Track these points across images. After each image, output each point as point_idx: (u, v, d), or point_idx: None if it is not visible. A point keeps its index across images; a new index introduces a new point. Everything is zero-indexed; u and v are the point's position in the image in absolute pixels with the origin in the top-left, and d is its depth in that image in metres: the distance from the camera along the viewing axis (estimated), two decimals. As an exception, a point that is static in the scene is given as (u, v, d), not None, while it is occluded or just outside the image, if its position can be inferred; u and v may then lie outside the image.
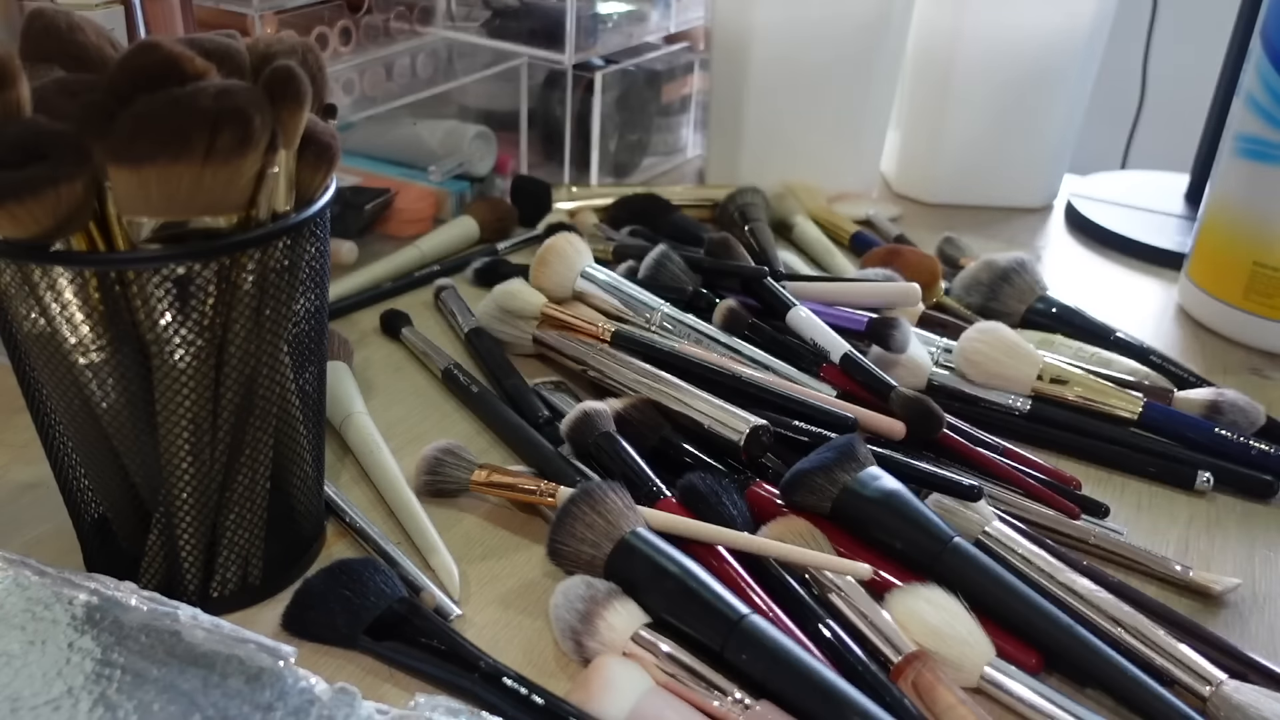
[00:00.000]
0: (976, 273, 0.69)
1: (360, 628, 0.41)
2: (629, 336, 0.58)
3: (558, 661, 0.42)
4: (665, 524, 0.44)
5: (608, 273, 0.63)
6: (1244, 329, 0.69)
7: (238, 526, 0.42)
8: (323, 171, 0.40)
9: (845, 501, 0.45)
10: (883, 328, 0.59)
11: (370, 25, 0.78)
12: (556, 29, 0.81)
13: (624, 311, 0.61)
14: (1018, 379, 0.58)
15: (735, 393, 0.53)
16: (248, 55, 0.38)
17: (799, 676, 0.38)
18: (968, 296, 0.69)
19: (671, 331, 0.59)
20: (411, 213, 0.78)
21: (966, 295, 0.69)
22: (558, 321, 0.61)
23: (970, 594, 0.43)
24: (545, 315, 0.62)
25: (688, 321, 0.60)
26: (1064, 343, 0.64)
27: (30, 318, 0.37)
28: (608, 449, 0.50)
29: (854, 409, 0.52)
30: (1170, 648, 0.41)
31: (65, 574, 0.37)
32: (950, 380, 0.59)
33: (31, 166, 0.33)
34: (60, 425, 0.42)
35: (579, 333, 0.60)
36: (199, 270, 0.37)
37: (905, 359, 0.59)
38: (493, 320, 0.63)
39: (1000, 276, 0.68)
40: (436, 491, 0.50)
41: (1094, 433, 0.56)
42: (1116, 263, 0.83)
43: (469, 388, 0.58)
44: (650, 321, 0.60)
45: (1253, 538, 0.51)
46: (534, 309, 0.62)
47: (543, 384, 0.59)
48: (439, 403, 0.59)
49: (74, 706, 0.33)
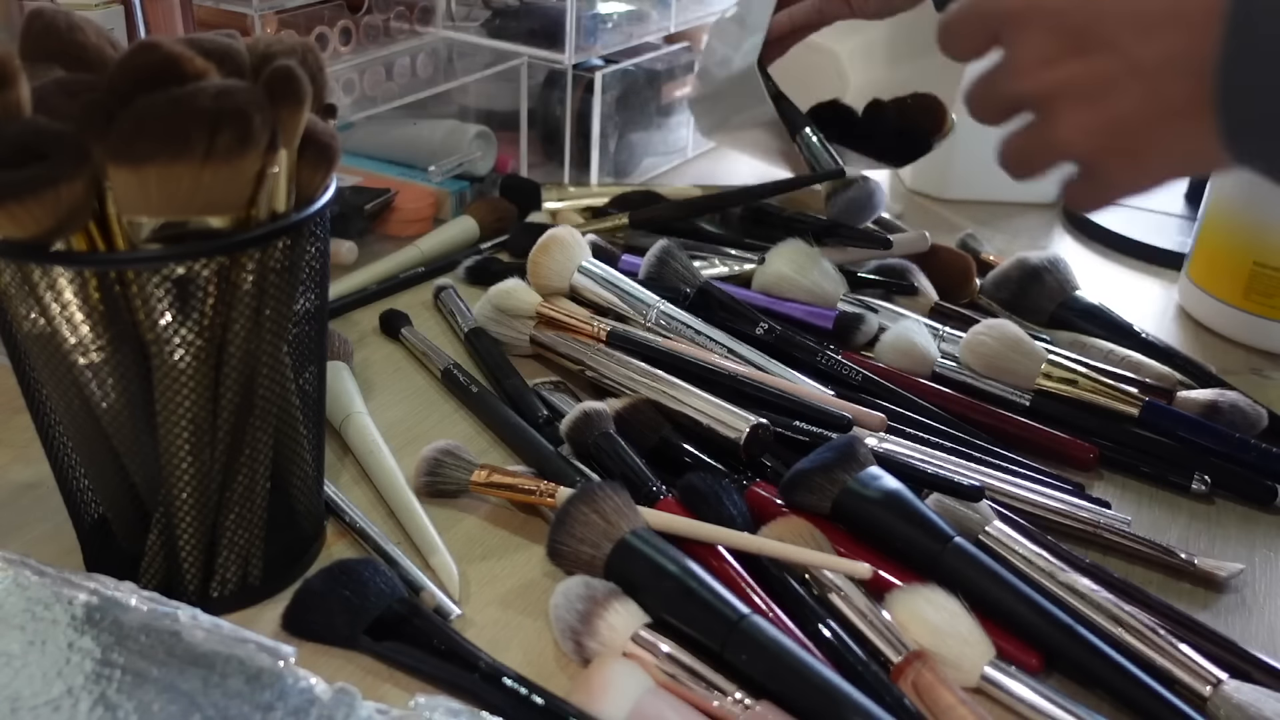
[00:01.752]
0: (1008, 270, 0.69)
1: (360, 628, 0.41)
2: (625, 336, 0.58)
3: (558, 661, 0.42)
4: (665, 524, 0.44)
5: (605, 268, 0.63)
6: (1244, 329, 0.69)
7: (237, 526, 0.42)
8: (322, 171, 0.40)
9: (846, 501, 0.46)
10: (849, 323, 0.61)
11: (370, 25, 0.78)
12: (556, 29, 0.81)
13: (620, 307, 0.61)
14: (1022, 374, 0.58)
15: (731, 391, 0.53)
16: (248, 55, 0.38)
17: (798, 677, 0.38)
18: (997, 293, 0.69)
19: (667, 329, 0.59)
20: (411, 212, 0.78)
21: (996, 291, 0.69)
22: (554, 321, 0.61)
23: (971, 594, 0.43)
24: (541, 314, 0.62)
25: (684, 319, 0.60)
26: (1095, 344, 0.64)
27: (30, 318, 0.37)
28: (607, 449, 0.50)
29: (848, 406, 0.53)
30: (1171, 647, 0.41)
31: (65, 574, 0.37)
32: (955, 371, 0.60)
33: (31, 166, 0.33)
34: (60, 425, 0.42)
35: (575, 332, 0.60)
36: (199, 270, 0.37)
37: (911, 349, 0.59)
38: (490, 321, 0.63)
39: (1031, 274, 0.67)
40: (436, 492, 0.50)
41: (1093, 429, 0.56)
42: (1117, 262, 0.83)
43: (468, 388, 0.58)
44: (646, 319, 0.60)
45: (1253, 538, 0.51)
46: (529, 308, 0.62)
47: (542, 384, 0.59)
48: (439, 403, 0.59)
49: (74, 707, 0.33)
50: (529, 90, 0.84)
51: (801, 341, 0.60)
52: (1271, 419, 0.58)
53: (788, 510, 0.47)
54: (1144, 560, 0.48)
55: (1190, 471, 0.54)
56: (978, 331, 0.59)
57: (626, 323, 0.60)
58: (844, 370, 0.58)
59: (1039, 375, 0.57)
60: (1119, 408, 0.56)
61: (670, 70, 0.93)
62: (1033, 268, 0.68)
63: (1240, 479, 0.54)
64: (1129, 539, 0.48)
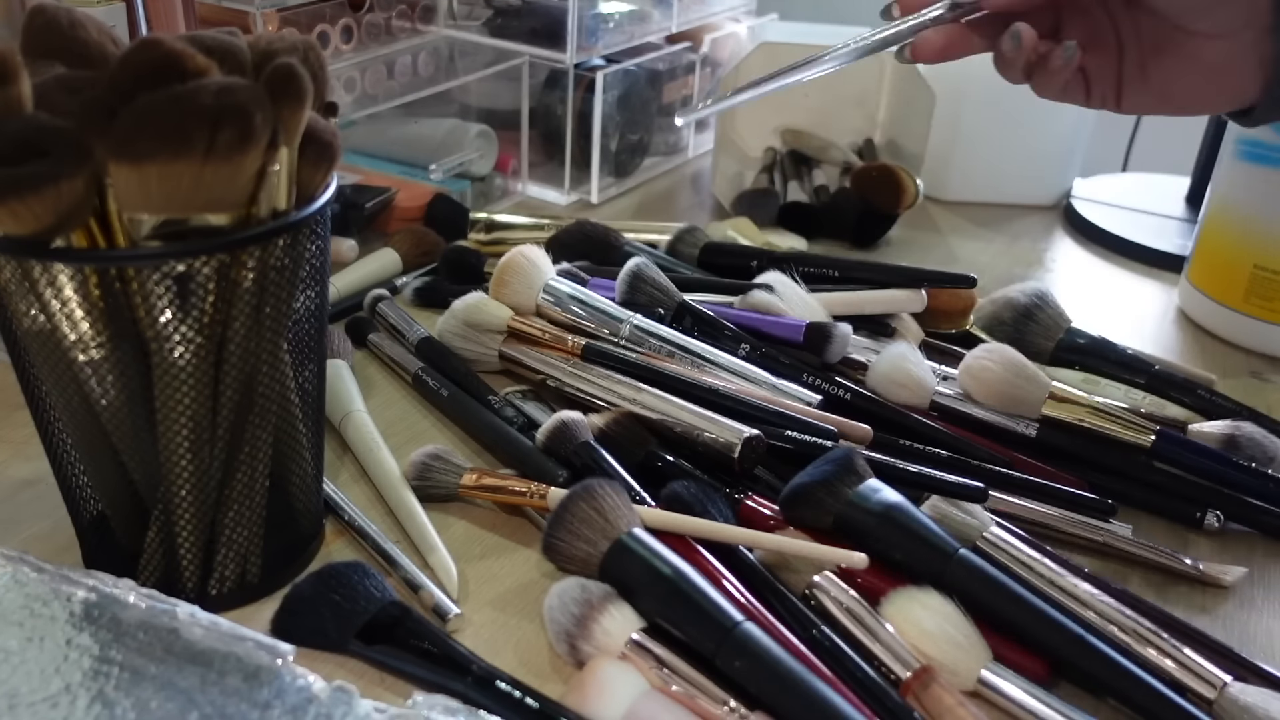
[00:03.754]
0: (998, 312, 0.64)
1: (350, 632, 0.40)
2: (602, 351, 0.56)
3: (552, 664, 0.42)
4: (660, 521, 0.44)
5: (572, 286, 0.60)
6: (1244, 332, 0.69)
7: (236, 524, 0.42)
8: (323, 170, 0.40)
9: (847, 515, 0.45)
10: (818, 336, 0.58)
11: (372, 23, 0.78)
12: (558, 28, 0.81)
13: (590, 326, 0.58)
14: (1027, 401, 0.54)
15: (712, 406, 0.52)
16: (249, 53, 0.38)
17: (791, 687, 0.37)
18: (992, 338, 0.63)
19: (641, 345, 0.57)
20: (412, 211, 0.78)
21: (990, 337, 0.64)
22: (526, 336, 0.59)
23: (977, 605, 0.42)
24: (513, 328, 0.59)
25: (659, 333, 0.57)
26: (1111, 385, 0.60)
27: (30, 314, 0.37)
28: (586, 458, 0.49)
29: (834, 419, 0.52)
30: (1175, 650, 0.41)
31: (64, 571, 0.37)
32: (955, 402, 0.56)
33: (32, 163, 0.33)
34: (59, 422, 0.42)
35: (548, 347, 0.58)
36: (199, 267, 0.37)
37: (907, 379, 0.56)
38: (454, 337, 0.60)
39: (1023, 314, 0.63)
40: (426, 496, 0.49)
41: (1102, 463, 0.53)
42: (1117, 265, 0.83)
43: (439, 392, 0.57)
44: (619, 335, 0.58)
45: (1252, 539, 0.51)
46: (500, 322, 0.59)
47: (513, 392, 0.58)
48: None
49: (72, 703, 0.33)
50: (530, 89, 0.84)
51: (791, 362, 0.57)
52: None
53: (784, 525, 0.46)
54: (1142, 565, 0.48)
55: (1204, 506, 0.51)
56: (979, 356, 0.55)
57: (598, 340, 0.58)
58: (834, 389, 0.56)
59: (1045, 402, 0.53)
60: (1131, 438, 0.53)
61: (671, 70, 0.93)
62: (1024, 307, 0.63)
63: (1261, 515, 0.51)
64: (1131, 544, 0.48)
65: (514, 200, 0.88)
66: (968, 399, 0.55)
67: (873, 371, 0.57)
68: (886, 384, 0.56)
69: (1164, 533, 0.51)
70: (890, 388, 0.56)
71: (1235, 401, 0.59)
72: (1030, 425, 0.54)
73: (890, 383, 0.56)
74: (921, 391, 0.56)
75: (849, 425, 0.52)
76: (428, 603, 0.43)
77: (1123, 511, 0.51)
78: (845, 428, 0.52)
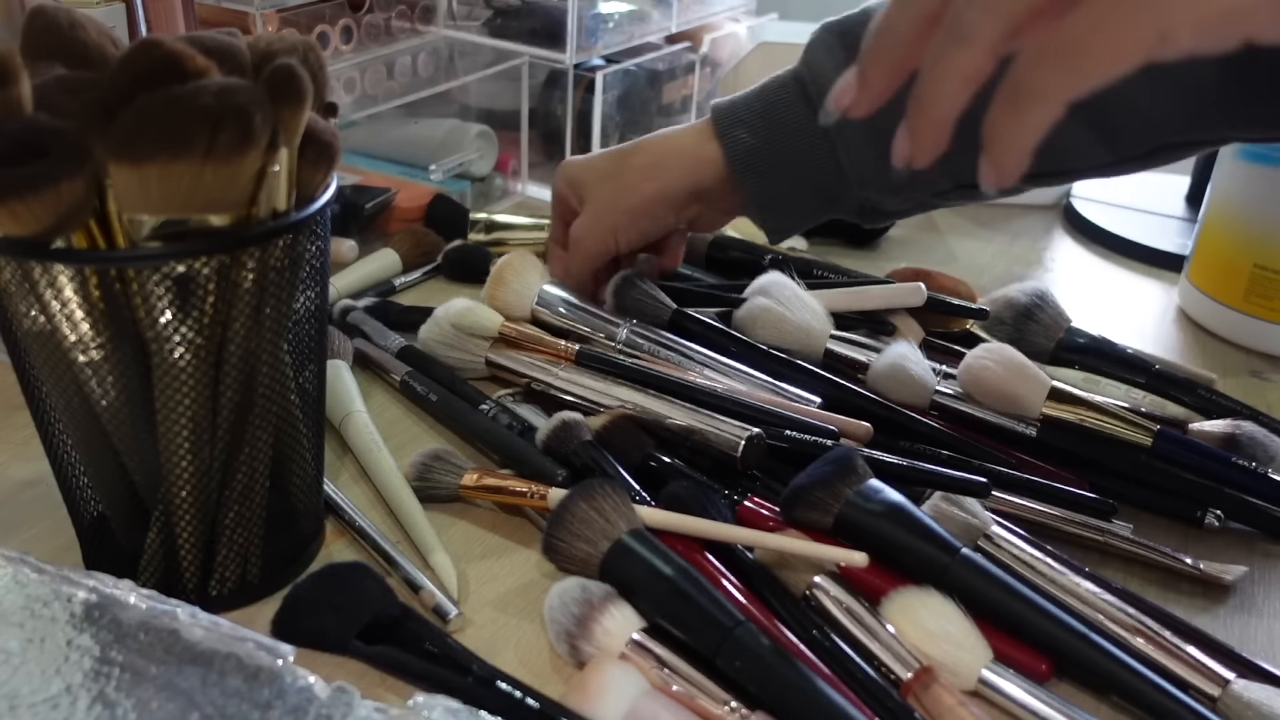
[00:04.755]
0: (998, 312, 0.63)
1: (351, 633, 0.40)
2: (597, 355, 0.56)
3: (553, 664, 0.42)
4: (661, 521, 0.44)
5: (568, 290, 0.60)
6: (1244, 331, 0.69)
7: (237, 525, 0.42)
8: (323, 170, 0.40)
9: (849, 516, 0.45)
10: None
11: (372, 24, 0.78)
12: (558, 28, 0.81)
13: (585, 331, 0.58)
14: (1027, 400, 0.53)
15: (713, 407, 0.52)
16: (249, 53, 0.38)
17: (791, 687, 0.37)
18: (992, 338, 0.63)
19: (638, 350, 0.57)
20: (412, 212, 0.78)
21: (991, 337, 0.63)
22: (517, 342, 0.59)
23: (980, 604, 0.42)
24: (504, 334, 0.59)
25: (656, 337, 0.57)
26: (1111, 385, 0.60)
27: (30, 315, 0.37)
28: (586, 458, 0.49)
29: (834, 418, 0.51)
30: (1177, 649, 0.41)
31: (64, 571, 0.37)
32: (955, 401, 0.55)
33: (32, 164, 0.33)
34: (60, 423, 0.41)
35: (541, 352, 0.58)
36: (199, 268, 0.37)
37: (907, 378, 0.55)
38: (439, 344, 0.59)
39: (1023, 314, 0.62)
40: (426, 497, 0.50)
41: (1103, 463, 0.52)
42: (1117, 264, 0.83)
43: (427, 396, 0.56)
44: (615, 340, 0.58)
45: (1253, 538, 0.51)
46: (490, 328, 0.59)
47: (505, 395, 0.57)
48: (438, 402, 0.59)
49: (72, 704, 0.33)
50: (530, 90, 0.85)
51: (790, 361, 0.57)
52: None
53: (783, 526, 0.46)
54: (1143, 564, 0.48)
55: (1204, 505, 0.51)
56: (978, 355, 0.54)
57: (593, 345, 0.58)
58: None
59: (1045, 402, 0.53)
60: (1131, 437, 0.52)
61: (671, 70, 0.93)
62: (1024, 307, 0.62)
63: (1261, 514, 0.51)
64: (1132, 543, 0.48)
65: (514, 200, 0.88)
66: (968, 399, 0.55)
67: (873, 371, 0.57)
68: (887, 383, 0.56)
69: (1164, 532, 0.51)
70: (890, 387, 0.56)
71: (1235, 400, 0.59)
72: (1030, 425, 0.54)
73: (892, 381, 0.56)
74: (922, 391, 0.56)
75: (849, 424, 0.52)
76: (428, 603, 0.43)
77: (1123, 511, 0.50)
78: (845, 426, 0.52)
